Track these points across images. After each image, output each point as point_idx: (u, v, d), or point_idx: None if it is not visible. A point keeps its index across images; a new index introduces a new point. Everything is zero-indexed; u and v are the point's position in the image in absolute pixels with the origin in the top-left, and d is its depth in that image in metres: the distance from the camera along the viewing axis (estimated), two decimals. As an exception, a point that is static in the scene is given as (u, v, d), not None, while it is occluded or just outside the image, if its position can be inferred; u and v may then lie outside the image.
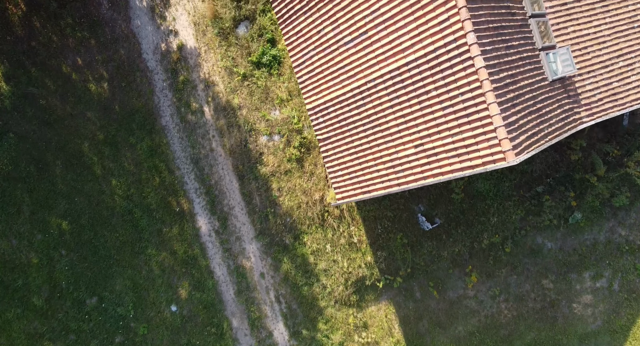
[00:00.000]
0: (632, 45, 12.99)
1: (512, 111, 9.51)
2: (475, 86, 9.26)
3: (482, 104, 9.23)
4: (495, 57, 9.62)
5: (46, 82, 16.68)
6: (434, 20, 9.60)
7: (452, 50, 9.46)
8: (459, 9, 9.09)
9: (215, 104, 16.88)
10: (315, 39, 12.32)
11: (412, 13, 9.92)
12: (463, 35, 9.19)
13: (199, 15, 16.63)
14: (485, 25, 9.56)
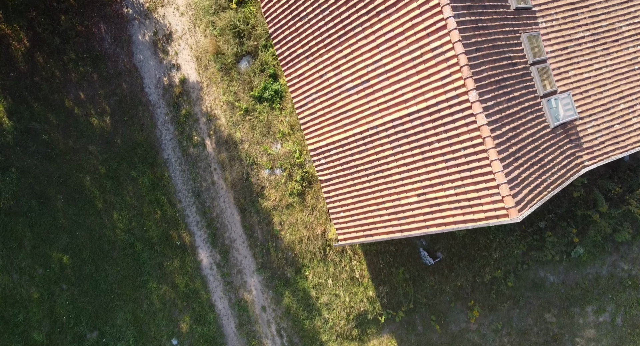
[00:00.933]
0: (633, 87, 13.04)
1: (514, 165, 9.53)
2: (478, 141, 9.28)
3: (484, 160, 9.25)
4: (498, 111, 9.66)
5: (49, 116, 16.74)
6: (436, 75, 9.65)
7: (454, 105, 9.50)
8: (460, 67, 9.14)
9: (217, 137, 16.92)
10: (317, 83, 12.38)
11: (414, 66, 9.97)
12: (465, 92, 9.23)
13: (201, 50, 16.72)
14: (487, 80, 9.60)
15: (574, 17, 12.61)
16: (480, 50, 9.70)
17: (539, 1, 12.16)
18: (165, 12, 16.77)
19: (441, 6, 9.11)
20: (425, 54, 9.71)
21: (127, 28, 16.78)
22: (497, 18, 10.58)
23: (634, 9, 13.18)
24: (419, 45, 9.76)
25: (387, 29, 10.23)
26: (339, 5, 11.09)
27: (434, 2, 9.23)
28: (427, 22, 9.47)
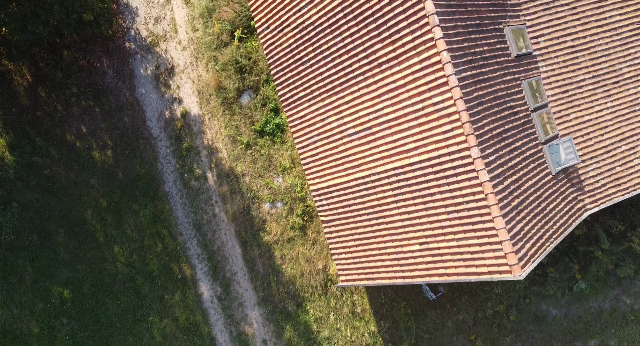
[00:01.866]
0: (634, 128, 13.06)
1: (517, 220, 9.52)
2: (480, 197, 9.29)
3: (486, 215, 9.25)
4: (500, 165, 9.67)
5: (50, 151, 16.77)
6: (437, 129, 9.67)
7: (456, 159, 9.51)
8: (462, 124, 9.17)
9: (219, 170, 16.93)
10: (319, 125, 12.41)
11: (416, 118, 10.00)
12: (467, 148, 9.25)
13: (203, 84, 16.79)
14: (488, 134, 9.63)
15: (574, 60, 12.67)
16: (481, 103, 9.73)
17: (540, 45, 12.23)
18: (168, 46, 16.86)
19: (442, 63, 9.16)
20: (427, 108, 9.74)
21: (130, 62, 16.87)
22: (498, 68, 10.64)
23: (634, 50, 13.25)
24: (421, 99, 9.80)
25: (389, 80, 10.28)
26: (340, 53, 11.15)
27: (436, 59, 9.28)
28: (429, 77, 9.51)
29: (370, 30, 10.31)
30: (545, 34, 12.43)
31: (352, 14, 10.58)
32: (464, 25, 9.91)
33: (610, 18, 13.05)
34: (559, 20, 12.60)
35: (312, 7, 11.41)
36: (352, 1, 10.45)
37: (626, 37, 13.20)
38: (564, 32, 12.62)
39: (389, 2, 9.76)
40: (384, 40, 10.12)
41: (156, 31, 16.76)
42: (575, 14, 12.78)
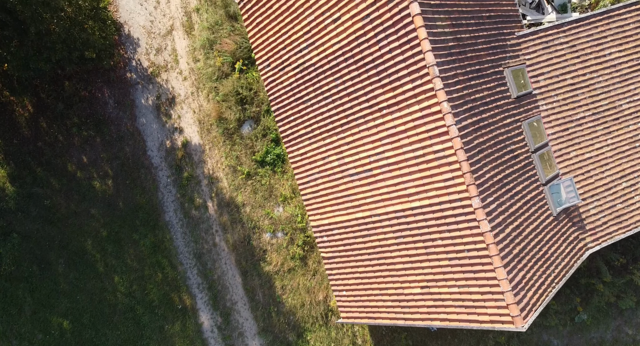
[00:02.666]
0: (635, 165, 13.07)
1: (518, 268, 9.50)
2: (481, 246, 9.27)
3: (488, 264, 9.23)
4: (501, 212, 9.66)
5: (51, 181, 16.78)
6: (438, 176, 9.68)
7: (457, 207, 9.51)
8: (463, 174, 9.17)
9: (219, 199, 16.92)
10: (320, 163, 12.42)
11: (417, 164, 10.01)
12: (468, 197, 9.25)
13: (204, 113, 16.84)
14: (489, 182, 9.63)
15: (574, 98, 12.71)
16: (482, 151, 9.75)
17: (540, 84, 12.28)
18: (169, 76, 16.92)
19: (443, 113, 9.19)
20: (428, 155, 9.76)
21: (131, 92, 16.92)
22: (499, 111, 10.67)
23: (634, 86, 13.29)
24: (422, 146, 9.82)
25: (390, 125, 10.31)
26: (341, 95, 11.19)
27: (436, 109, 9.31)
28: (429, 126, 9.53)
29: (371, 75, 10.35)
30: (545, 73, 12.49)
31: (352, 58, 10.63)
32: (464, 72, 9.95)
33: (609, 55, 13.11)
34: (559, 58, 12.66)
35: (313, 48, 11.47)
36: (353, 46, 10.50)
37: (626, 73, 13.25)
38: (564, 70, 12.67)
39: (389, 50, 9.80)
40: (385, 86, 10.16)
41: (157, 62, 16.83)
42: (575, 51, 12.84)
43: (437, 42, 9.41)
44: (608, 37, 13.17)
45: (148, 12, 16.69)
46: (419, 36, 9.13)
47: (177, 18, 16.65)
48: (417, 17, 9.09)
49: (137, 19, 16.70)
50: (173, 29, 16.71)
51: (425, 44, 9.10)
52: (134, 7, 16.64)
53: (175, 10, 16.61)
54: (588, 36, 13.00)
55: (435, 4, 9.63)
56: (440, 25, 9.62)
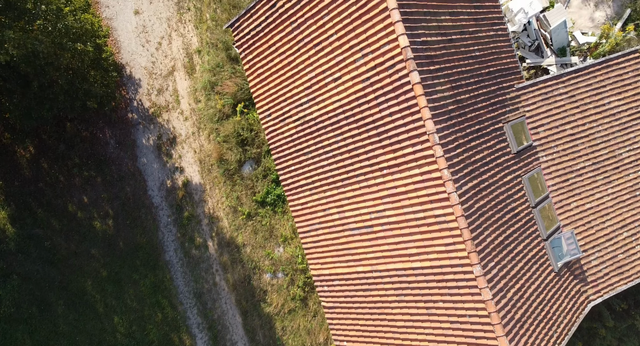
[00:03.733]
0: (635, 214, 13.06)
1: (520, 334, 9.45)
2: (483, 313, 9.23)
3: (490, 332, 9.18)
4: (502, 276, 9.64)
5: (51, 222, 16.77)
6: (439, 240, 9.67)
7: (458, 273, 9.49)
8: (464, 241, 9.16)
9: (220, 239, 16.90)
10: (320, 215, 12.41)
11: (418, 226, 10.01)
12: (469, 264, 9.23)
13: (204, 153, 16.88)
14: (490, 246, 9.62)
15: (574, 148, 12.74)
16: (483, 214, 9.75)
17: (540, 136, 12.32)
18: (170, 116, 17.00)
19: (443, 180, 9.21)
20: (429, 218, 9.76)
21: (132, 132, 16.99)
22: (499, 170, 10.69)
23: (633, 134, 13.32)
24: (422, 208, 9.82)
25: (390, 185, 10.32)
26: (342, 151, 11.22)
27: (436, 175, 9.32)
28: (430, 190, 9.55)
29: (371, 135, 10.39)
30: (544, 124, 12.53)
31: (352, 117, 10.68)
32: (464, 134, 9.99)
33: (608, 104, 13.17)
34: (558, 109, 12.71)
35: (314, 104, 11.53)
36: (353, 106, 10.55)
37: (625, 122, 13.29)
38: (563, 120, 12.72)
39: (390, 113, 9.85)
40: (385, 147, 10.19)
41: (159, 102, 16.91)
42: (574, 101, 12.90)
43: (437, 108, 9.46)
44: (607, 86, 13.23)
45: (150, 53, 16.80)
46: (419, 104, 9.18)
47: (179, 59, 16.77)
48: (417, 86, 9.15)
49: (138, 60, 16.81)
50: (174, 70, 16.82)
51: (425, 112, 9.15)
52: (136, 49, 16.76)
53: (177, 51, 16.73)
54: (587, 86, 13.06)
55: (435, 69, 9.70)
56: (440, 89, 9.68)
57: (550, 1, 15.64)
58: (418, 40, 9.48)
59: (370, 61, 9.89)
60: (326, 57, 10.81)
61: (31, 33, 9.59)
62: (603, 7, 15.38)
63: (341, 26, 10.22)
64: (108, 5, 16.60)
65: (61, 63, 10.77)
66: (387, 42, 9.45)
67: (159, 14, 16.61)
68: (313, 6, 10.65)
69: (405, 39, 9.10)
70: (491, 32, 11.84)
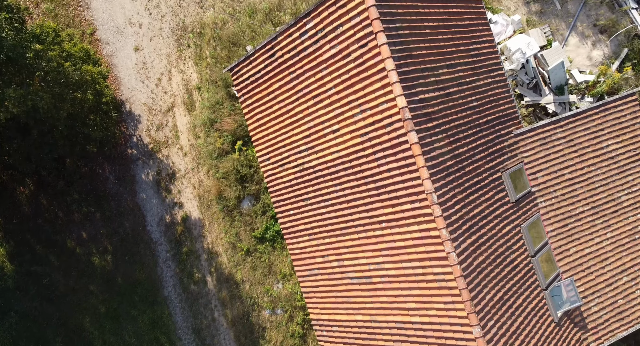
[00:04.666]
0: (635, 258, 13.03)
1: (520, 393, 9.40)
2: (483, 373, 9.17)
3: (489, 393, 9.12)
4: (502, 335, 9.60)
5: (50, 258, 16.74)
6: (438, 297, 9.64)
7: (457, 332, 9.44)
8: (464, 302, 9.14)
9: (218, 274, 16.85)
10: (319, 260, 12.38)
11: (417, 281, 9.99)
12: (469, 324, 9.19)
13: (204, 189, 16.89)
14: (490, 304, 9.59)
15: (573, 192, 12.75)
16: (482, 271, 9.73)
17: (538, 181, 12.33)
18: (169, 152, 17.03)
19: (442, 240, 9.20)
20: (427, 275, 9.74)
21: (131, 168, 17.01)
22: (498, 221, 10.68)
23: (632, 177, 13.33)
24: (421, 265, 9.80)
25: (389, 238, 10.31)
26: (340, 201, 11.22)
27: (435, 233, 9.32)
28: (429, 248, 9.54)
29: (370, 189, 10.40)
30: (543, 169, 12.55)
31: (351, 169, 10.70)
32: (462, 189, 10.01)
33: (607, 147, 13.20)
34: (557, 153, 12.74)
35: (312, 152, 11.56)
36: (352, 158, 10.58)
37: (623, 165, 13.31)
38: (562, 165, 12.74)
39: (388, 169, 9.87)
40: (384, 201, 10.20)
41: (158, 137, 16.96)
42: (573, 145, 12.92)
43: (435, 165, 9.48)
44: (605, 129, 13.27)
45: (149, 89, 16.88)
46: (417, 164, 9.21)
47: (179, 95, 16.84)
48: (415, 145, 9.19)
49: (138, 96, 16.89)
50: (174, 106, 16.89)
51: (424, 172, 9.17)
52: (136, 85, 16.84)
53: (177, 87, 16.81)
54: (585, 130, 13.10)
55: (433, 125, 9.74)
56: (438, 146, 9.71)
57: (548, 39, 15.74)
58: (416, 99, 9.53)
59: (368, 117, 9.94)
60: (325, 109, 10.86)
61: (31, 87, 9.64)
62: (600, 46, 15.48)
63: (339, 81, 10.28)
64: (108, 42, 16.71)
65: (61, 115, 10.82)
66: (385, 101, 9.50)
67: (158, 50, 16.72)
68: (312, 60, 10.72)
69: (402, 99, 9.15)
70: (489, 79, 11.91)
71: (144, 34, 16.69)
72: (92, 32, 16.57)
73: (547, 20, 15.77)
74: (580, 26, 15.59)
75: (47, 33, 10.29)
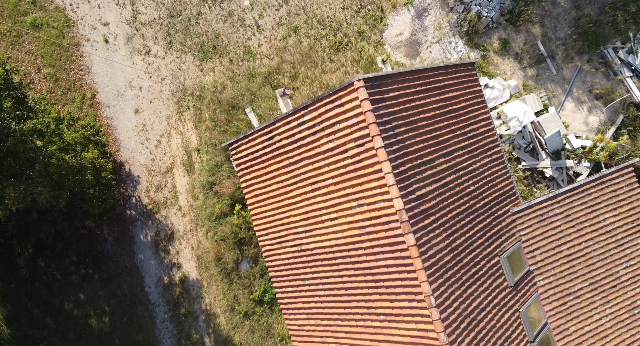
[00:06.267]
0: (635, 334, 12.97)
1: None
2: None
3: None
4: None
5: (47, 321, 16.64)
6: (437, 397, 9.56)
7: None
8: (462, 407, 9.07)
9: (216, 336, 16.73)
10: (317, 340, 12.31)
11: (415, 378, 9.91)
12: None
13: (202, 250, 16.87)
14: (489, 404, 9.52)
15: (571, 269, 12.74)
16: (480, 369, 9.68)
17: (536, 259, 12.34)
18: (168, 213, 17.05)
19: (441, 344, 9.16)
20: (426, 373, 9.67)
21: (130, 229, 17.01)
22: (496, 311, 10.65)
23: (630, 250, 13.34)
24: (419, 362, 9.74)
25: (388, 332, 10.26)
26: (338, 287, 11.20)
27: (433, 335, 9.29)
28: (424, 340, 9.49)
29: (368, 280, 10.40)
30: (541, 247, 12.56)
31: (349, 258, 10.71)
32: (460, 284, 9.99)
33: (604, 221, 13.23)
34: (554, 230, 12.76)
35: (310, 235, 11.57)
36: (349, 248, 10.59)
37: (621, 238, 13.32)
38: (560, 242, 12.75)
39: (386, 265, 9.88)
40: (381, 294, 10.19)
41: (157, 198, 17.00)
42: (570, 221, 12.95)
43: (432, 265, 9.49)
44: (602, 202, 13.32)
45: (149, 150, 16.98)
46: (415, 266, 9.22)
47: (178, 156, 16.93)
48: (413, 248, 9.21)
49: (138, 157, 16.97)
50: (173, 167, 16.96)
51: (421, 274, 9.18)
52: (135, 147, 16.95)
53: (176, 149, 16.91)
54: (582, 204, 13.14)
55: (430, 221, 9.77)
56: (435, 243, 9.73)
57: (545, 104, 15.90)
58: (413, 197, 9.58)
59: (365, 211, 9.98)
60: (322, 197, 10.91)
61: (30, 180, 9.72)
62: (596, 112, 15.63)
63: (337, 173, 10.34)
64: (109, 105, 16.85)
65: (60, 204, 10.91)
66: (382, 200, 9.55)
67: (158, 112, 16.86)
68: (309, 149, 10.81)
69: (399, 202, 9.20)
70: (486, 159, 11.99)
71: (144, 96, 16.84)
72: (93, 95, 16.73)
73: (543, 85, 15.95)
74: (576, 92, 15.76)
75: (47, 123, 10.40)
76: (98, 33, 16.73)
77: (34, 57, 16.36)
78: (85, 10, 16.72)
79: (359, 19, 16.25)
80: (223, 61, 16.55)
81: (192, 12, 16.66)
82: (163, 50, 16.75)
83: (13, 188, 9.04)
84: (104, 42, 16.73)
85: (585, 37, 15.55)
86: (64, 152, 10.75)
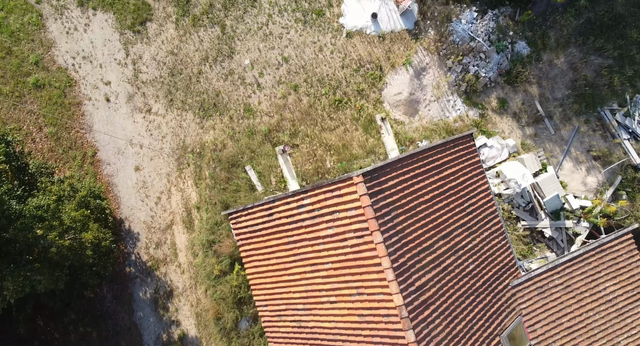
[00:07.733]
0: (637, 405, 12.85)
1: None
2: None
3: None
4: None
5: (45, 382, 16.50)
6: None
7: None
8: None
9: (216, 395, 16.56)
10: None
11: None
12: None
13: (201, 307, 16.79)
14: None
15: (572, 341, 12.66)
16: None
17: (537, 333, 12.27)
18: (167, 269, 17.02)
19: None
20: None
21: (129, 286, 16.96)
22: (497, 397, 10.57)
23: (630, 319, 13.27)
24: None
25: None
26: None
27: None
28: None
29: (367, 364, 10.32)
30: (541, 320, 12.51)
31: (349, 343, 10.65)
32: (461, 373, 9.94)
33: (604, 290, 13.19)
34: (554, 302, 12.72)
35: (310, 314, 11.53)
36: (349, 333, 10.54)
37: (622, 307, 13.27)
38: (560, 314, 12.71)
39: None
40: (382, 382, 10.10)
41: (157, 255, 16.97)
42: (570, 292, 12.92)
43: (432, 358, 9.45)
44: (602, 271, 13.30)
45: (149, 207, 17.01)
46: (415, 363, 9.17)
47: (178, 213, 16.95)
48: (413, 344, 9.17)
49: (137, 214, 17.00)
50: (173, 224, 16.97)
51: (421, 372, 9.13)
52: (135, 204, 16.98)
53: (176, 205, 16.94)
54: (582, 273, 13.13)
55: (430, 312, 9.75)
56: (435, 334, 9.70)
57: (543, 163, 15.97)
58: (412, 289, 9.58)
59: (365, 301, 9.96)
60: (322, 279, 10.89)
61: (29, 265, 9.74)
62: (594, 173, 15.70)
63: (337, 259, 10.35)
64: (109, 163, 16.93)
65: (59, 287, 10.90)
66: (382, 293, 9.54)
67: (159, 170, 16.92)
68: (309, 231, 10.83)
69: (399, 297, 9.20)
70: (485, 233, 12.01)
71: (144, 154, 16.93)
72: (94, 153, 16.81)
73: (541, 144, 16.04)
74: (574, 152, 15.84)
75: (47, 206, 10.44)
76: (100, 92, 16.88)
77: (36, 116, 16.50)
78: (87, 70, 16.90)
79: (358, 77, 16.41)
80: (223, 119, 16.68)
81: (193, 71, 16.84)
82: (164, 108, 16.88)
83: (11, 279, 9.02)
84: (106, 101, 16.87)
85: (583, 99, 15.69)
86: (64, 236, 10.75)
